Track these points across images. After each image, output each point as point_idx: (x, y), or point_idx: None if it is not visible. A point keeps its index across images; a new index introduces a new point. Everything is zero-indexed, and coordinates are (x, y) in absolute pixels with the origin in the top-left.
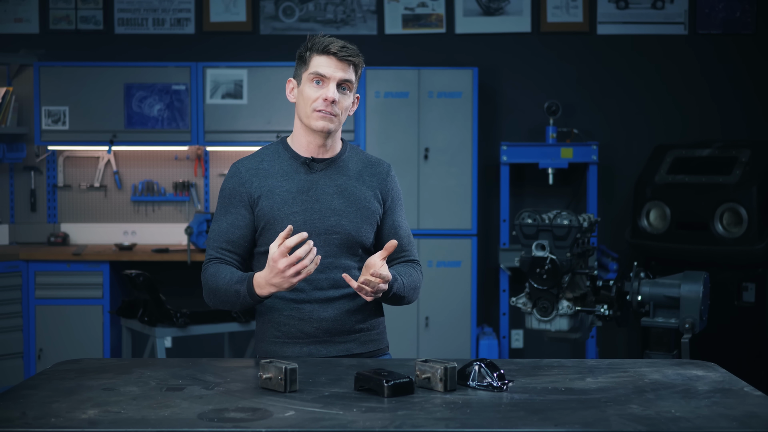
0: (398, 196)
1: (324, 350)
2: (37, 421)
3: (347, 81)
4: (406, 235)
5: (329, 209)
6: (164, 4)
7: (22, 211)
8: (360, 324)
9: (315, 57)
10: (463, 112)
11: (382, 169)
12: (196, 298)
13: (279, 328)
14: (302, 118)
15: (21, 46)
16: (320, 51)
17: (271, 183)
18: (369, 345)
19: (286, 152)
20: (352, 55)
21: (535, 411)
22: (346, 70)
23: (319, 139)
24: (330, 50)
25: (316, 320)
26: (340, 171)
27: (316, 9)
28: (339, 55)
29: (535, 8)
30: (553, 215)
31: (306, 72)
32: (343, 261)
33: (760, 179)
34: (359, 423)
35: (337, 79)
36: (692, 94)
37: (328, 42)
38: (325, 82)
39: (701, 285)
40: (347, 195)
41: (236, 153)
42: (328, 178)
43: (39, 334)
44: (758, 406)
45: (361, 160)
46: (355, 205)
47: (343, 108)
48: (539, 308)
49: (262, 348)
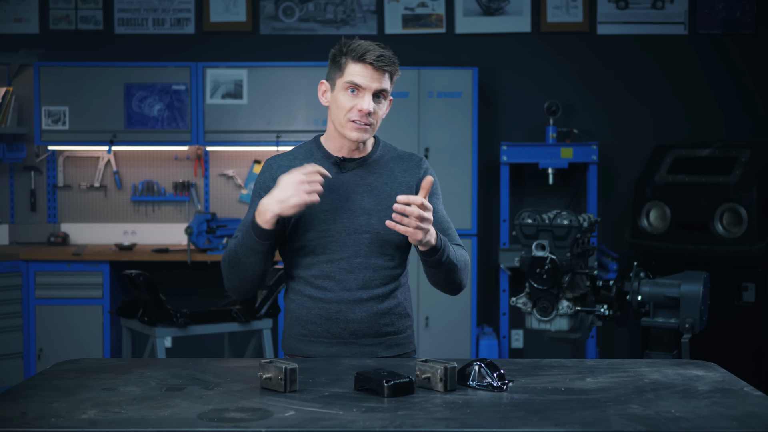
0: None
1: (349, 352)
2: (37, 421)
3: (383, 90)
4: (444, 221)
5: (359, 208)
6: (164, 4)
7: (22, 211)
8: (388, 327)
9: (350, 64)
10: (463, 112)
11: (413, 163)
12: (196, 298)
13: (306, 327)
14: (336, 125)
15: (21, 46)
16: (356, 58)
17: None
18: (395, 349)
19: (318, 151)
20: (388, 65)
21: (535, 411)
22: (382, 80)
23: (352, 144)
24: (366, 60)
25: (344, 321)
26: (371, 170)
27: (316, 9)
28: (376, 65)
29: (535, 8)
30: (553, 215)
31: (341, 79)
32: (374, 261)
33: (760, 179)
34: (359, 423)
35: (373, 89)
36: (692, 94)
37: (365, 50)
38: (361, 92)
39: (701, 285)
40: (377, 194)
41: (236, 153)
42: (359, 178)
43: (39, 334)
44: (758, 406)
45: (393, 156)
46: (385, 203)
47: (379, 117)
48: (539, 308)
49: (288, 344)
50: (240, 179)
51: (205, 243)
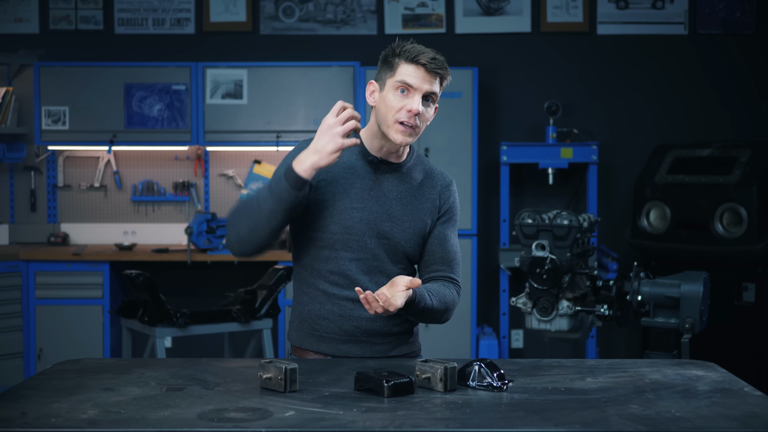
0: (453, 211)
1: (359, 350)
2: (37, 421)
3: (433, 93)
4: (452, 251)
5: (386, 214)
6: (164, 4)
7: (22, 211)
8: (397, 327)
9: (403, 65)
10: (463, 112)
11: (444, 182)
12: (196, 298)
13: (318, 321)
14: (381, 125)
15: (21, 46)
16: (409, 59)
17: (336, 171)
18: (403, 348)
19: (356, 146)
20: (440, 68)
21: (535, 411)
22: (433, 82)
23: (393, 147)
24: (420, 61)
25: (356, 318)
26: (404, 179)
27: (316, 9)
28: (428, 67)
29: (535, 8)
30: (553, 215)
31: (392, 78)
32: (389, 267)
33: (760, 179)
34: (359, 423)
35: (424, 90)
36: (693, 94)
37: (418, 52)
38: (411, 93)
39: (701, 285)
40: (406, 203)
41: (236, 153)
42: (393, 184)
43: (39, 334)
44: (758, 406)
45: (425, 170)
46: (411, 215)
47: (425, 120)
48: (539, 308)
49: (296, 337)
50: (240, 179)
51: (205, 243)
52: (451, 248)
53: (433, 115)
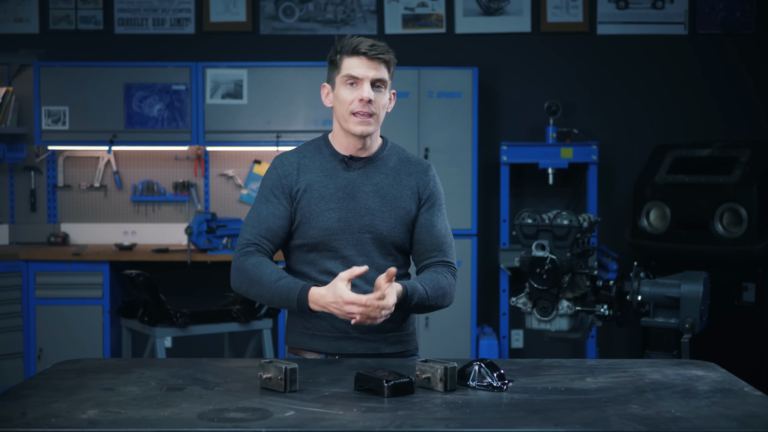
0: (436, 195)
1: (353, 347)
2: (37, 421)
3: (380, 80)
4: (441, 236)
5: (364, 208)
6: (164, 4)
7: (22, 211)
8: (392, 323)
9: (346, 59)
10: (463, 112)
11: (421, 168)
12: (196, 298)
13: (310, 320)
14: (341, 121)
15: (21, 46)
16: (350, 52)
17: (311, 178)
18: (398, 345)
19: (326, 149)
20: (382, 53)
21: (535, 411)
22: (379, 68)
23: (357, 141)
24: (360, 50)
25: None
26: (377, 170)
27: (316, 9)
28: (369, 54)
29: (535, 8)
30: (553, 215)
31: (339, 75)
32: (377, 260)
33: (760, 179)
34: (359, 423)
35: (370, 78)
36: (692, 94)
37: (356, 42)
38: (359, 83)
39: (701, 285)
40: (383, 194)
41: (236, 153)
42: (366, 177)
43: (39, 334)
44: (758, 406)
45: (401, 158)
46: (390, 204)
47: (380, 106)
48: (539, 308)
49: (291, 338)
50: (240, 179)
51: (205, 243)
52: (439, 233)
53: (392, 101)
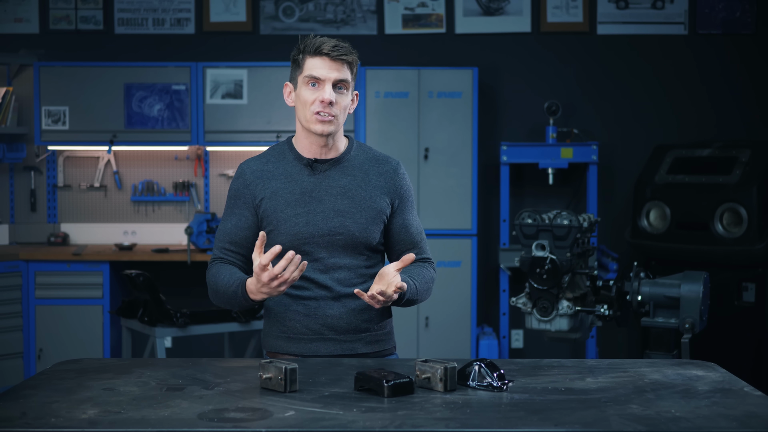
0: (408, 193)
1: (328, 348)
2: (37, 421)
3: (342, 81)
4: (417, 233)
5: (332, 210)
6: (164, 4)
7: (22, 211)
8: (367, 323)
9: (308, 59)
10: (463, 112)
11: (390, 167)
12: (196, 298)
13: (285, 323)
14: (302, 121)
15: (21, 46)
16: (312, 53)
17: (275, 185)
18: (375, 345)
19: (290, 153)
20: (345, 54)
21: (535, 411)
22: (341, 69)
23: (320, 140)
24: (322, 51)
25: (322, 317)
26: (344, 171)
27: (316, 9)
28: (332, 55)
29: (535, 8)
30: (553, 215)
31: (301, 75)
32: (349, 261)
33: (760, 179)
34: (359, 423)
35: (332, 79)
36: (692, 94)
37: (319, 43)
38: (321, 84)
39: (701, 285)
40: (351, 195)
41: (236, 153)
42: (332, 179)
43: (39, 334)
44: (758, 406)
45: (368, 158)
46: (360, 205)
47: (342, 108)
48: (539, 308)
49: (268, 343)
50: None
51: (205, 243)
52: (415, 230)
53: (354, 102)
